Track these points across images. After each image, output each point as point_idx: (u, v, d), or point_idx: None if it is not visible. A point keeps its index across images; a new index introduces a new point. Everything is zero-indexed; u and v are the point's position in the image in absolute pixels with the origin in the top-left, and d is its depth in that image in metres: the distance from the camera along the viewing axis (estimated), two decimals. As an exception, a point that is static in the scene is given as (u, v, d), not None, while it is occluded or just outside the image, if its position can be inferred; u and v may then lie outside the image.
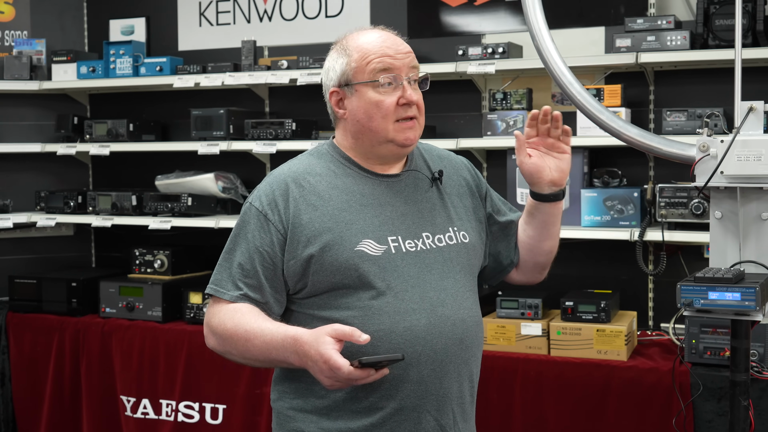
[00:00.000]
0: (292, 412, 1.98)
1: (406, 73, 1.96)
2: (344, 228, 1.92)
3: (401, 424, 1.91)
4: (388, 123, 1.95)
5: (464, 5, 4.13)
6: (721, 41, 3.38)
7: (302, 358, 1.78)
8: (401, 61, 1.96)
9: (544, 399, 3.32)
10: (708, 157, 2.30)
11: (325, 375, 1.75)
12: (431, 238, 2.00)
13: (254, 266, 1.94)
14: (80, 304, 4.29)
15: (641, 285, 3.79)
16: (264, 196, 1.98)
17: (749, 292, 2.04)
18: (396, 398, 1.90)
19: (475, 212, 2.13)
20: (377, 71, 1.94)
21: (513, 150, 3.70)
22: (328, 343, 1.73)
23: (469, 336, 2.00)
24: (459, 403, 1.99)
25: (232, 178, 4.39)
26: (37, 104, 4.79)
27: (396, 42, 1.99)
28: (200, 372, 3.94)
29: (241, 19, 4.59)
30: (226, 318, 1.93)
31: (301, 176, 1.99)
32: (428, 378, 1.92)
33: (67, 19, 4.93)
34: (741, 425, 2.16)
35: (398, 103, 1.95)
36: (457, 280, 2.01)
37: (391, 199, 2.00)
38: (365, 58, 1.95)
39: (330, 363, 1.71)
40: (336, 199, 1.96)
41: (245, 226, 1.98)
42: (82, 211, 4.51)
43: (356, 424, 1.91)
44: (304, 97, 4.39)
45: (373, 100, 1.95)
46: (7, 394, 4.36)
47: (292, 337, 1.81)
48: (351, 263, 1.90)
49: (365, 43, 1.97)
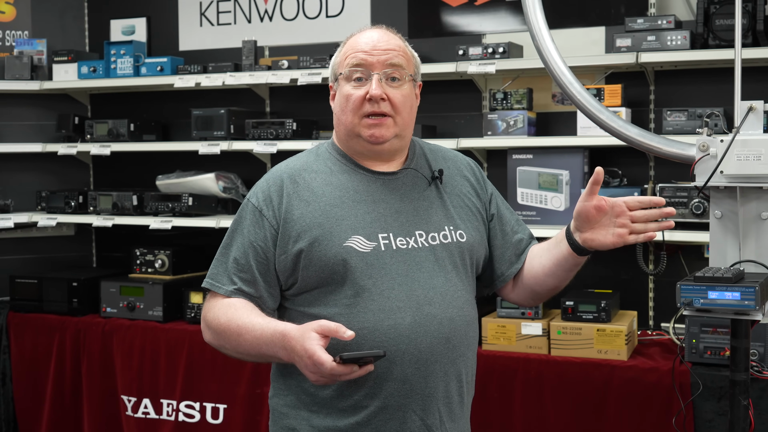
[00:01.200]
0: (286, 409, 2.00)
1: (380, 69, 1.96)
2: (334, 223, 1.94)
3: (386, 423, 1.92)
4: (355, 117, 1.98)
5: (465, 5, 4.13)
6: (721, 41, 3.38)
7: (289, 353, 1.81)
8: (375, 57, 1.97)
9: (545, 399, 3.32)
10: (708, 156, 2.30)
11: (309, 370, 1.77)
12: (424, 236, 2.00)
13: (248, 261, 1.97)
14: (81, 304, 4.29)
15: (641, 285, 3.79)
16: (260, 192, 2.01)
17: (749, 291, 2.04)
18: (380, 396, 1.91)
19: (477, 213, 2.12)
20: (351, 65, 1.98)
21: (513, 150, 3.73)
22: (313, 338, 1.75)
23: (457, 335, 1.98)
24: (446, 402, 1.97)
25: (233, 178, 4.39)
26: (38, 104, 4.79)
27: (379, 39, 1.99)
28: (201, 372, 3.94)
29: (242, 19, 4.60)
30: (220, 313, 1.97)
31: (297, 173, 2.01)
32: (412, 377, 1.91)
33: (68, 19, 4.93)
34: (741, 424, 2.16)
35: (365, 98, 1.96)
36: (449, 279, 2.00)
37: (386, 196, 2.01)
38: (345, 53, 2.01)
39: (314, 358, 1.73)
40: (329, 195, 1.97)
41: (241, 221, 2.01)
42: (83, 211, 4.51)
43: (343, 422, 1.92)
44: (304, 97, 4.40)
45: (344, 94, 1.99)
46: (7, 393, 4.36)
47: (281, 332, 1.83)
48: (339, 258, 1.91)
49: (353, 39, 2.02)
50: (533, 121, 3.78)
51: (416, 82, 2.05)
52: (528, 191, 3.70)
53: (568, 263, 2.01)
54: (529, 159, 3.71)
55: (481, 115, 3.92)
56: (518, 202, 3.71)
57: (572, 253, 1.98)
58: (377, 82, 1.95)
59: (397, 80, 1.98)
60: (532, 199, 3.69)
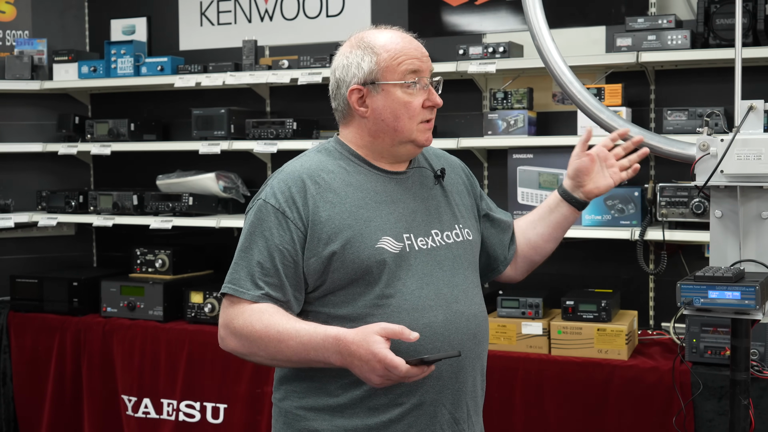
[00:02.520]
0: (303, 411, 1.97)
1: (428, 74, 1.99)
2: (363, 225, 1.93)
3: (418, 418, 1.93)
4: (413, 123, 1.97)
5: (465, 5, 4.13)
6: (721, 40, 3.38)
7: (346, 357, 1.76)
8: (426, 64, 1.98)
9: (545, 398, 3.32)
10: (708, 156, 2.30)
11: (377, 374, 1.73)
12: (440, 235, 2.02)
13: (275, 264, 1.91)
14: (81, 304, 4.29)
15: (642, 284, 3.79)
16: (279, 193, 1.94)
17: (749, 291, 2.04)
18: (416, 394, 1.92)
19: (472, 210, 2.17)
20: (408, 72, 1.95)
21: (514, 149, 3.74)
22: (379, 342, 1.72)
23: (481, 331, 2.03)
24: (472, 396, 2.02)
25: (233, 178, 4.39)
26: (39, 104, 4.79)
27: (419, 44, 2.01)
28: (201, 371, 3.94)
29: (242, 18, 4.60)
30: (253, 319, 1.89)
31: (315, 173, 1.97)
32: (446, 373, 1.94)
33: (69, 18, 4.93)
34: (741, 424, 2.16)
35: (423, 105, 1.97)
36: (466, 276, 2.04)
37: (402, 195, 2.01)
38: (396, 58, 1.95)
39: (386, 362, 1.70)
40: (352, 197, 1.96)
41: (261, 223, 1.94)
42: (83, 211, 4.51)
43: (373, 420, 1.92)
44: (304, 97, 4.40)
45: (402, 101, 1.96)
46: (8, 393, 4.37)
47: (334, 336, 1.79)
48: (372, 260, 1.91)
49: (392, 43, 1.97)
50: (534, 121, 3.78)
51: None
52: (528, 191, 3.70)
53: (568, 222, 2.22)
54: (530, 158, 3.71)
55: (482, 115, 3.91)
56: (519, 202, 3.71)
57: (573, 210, 2.20)
58: (434, 90, 1.99)
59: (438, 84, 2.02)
60: (532, 198, 3.69)
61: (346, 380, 1.91)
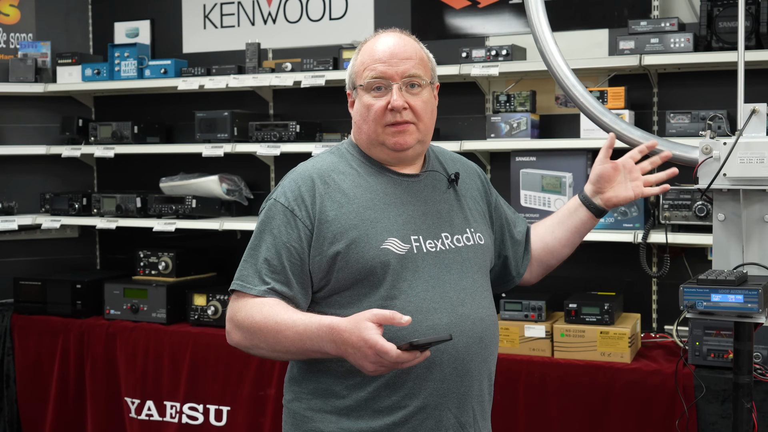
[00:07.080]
0: (310, 412, 1.98)
1: (400, 78, 1.97)
2: (369, 226, 1.94)
3: (423, 422, 1.93)
4: (378, 126, 1.99)
5: (468, 7, 4.13)
6: (724, 43, 3.38)
7: (340, 345, 1.77)
8: (394, 68, 1.97)
9: (548, 401, 3.32)
10: (711, 159, 2.30)
11: (369, 360, 1.72)
12: (450, 239, 2.03)
13: (281, 261, 1.93)
14: (85, 306, 4.30)
15: (645, 287, 3.79)
16: (289, 192, 1.98)
17: (752, 294, 2.04)
18: (419, 397, 1.92)
19: (486, 216, 2.18)
20: (370, 76, 1.98)
21: (516, 152, 3.74)
22: (370, 328, 1.72)
23: (488, 334, 2.03)
24: (479, 401, 2.02)
25: (237, 180, 4.40)
26: (42, 106, 4.80)
27: (396, 46, 2.00)
28: (204, 374, 3.95)
29: (246, 21, 4.60)
30: (254, 311, 1.91)
31: (326, 173, 2.00)
32: (450, 376, 1.94)
33: (72, 21, 4.94)
34: (744, 427, 2.16)
35: (386, 108, 1.97)
36: (475, 280, 2.05)
37: (412, 198, 2.03)
38: (363, 63, 2.01)
39: (377, 347, 1.69)
40: (360, 197, 1.98)
41: (270, 222, 1.97)
42: (86, 213, 4.52)
43: (378, 423, 1.93)
44: (308, 100, 4.40)
45: (365, 104, 2.00)
46: (11, 395, 4.37)
47: (328, 325, 1.79)
48: (377, 261, 1.92)
49: (369, 47, 2.02)
50: (536, 124, 3.78)
51: (434, 84, 2.07)
52: (531, 193, 3.70)
53: (586, 228, 2.23)
54: (533, 161, 3.71)
55: (485, 118, 3.92)
56: (521, 205, 3.71)
57: (591, 216, 2.21)
58: (398, 92, 1.96)
59: (417, 87, 2.00)
60: (535, 201, 3.69)
61: (351, 381, 1.93)
